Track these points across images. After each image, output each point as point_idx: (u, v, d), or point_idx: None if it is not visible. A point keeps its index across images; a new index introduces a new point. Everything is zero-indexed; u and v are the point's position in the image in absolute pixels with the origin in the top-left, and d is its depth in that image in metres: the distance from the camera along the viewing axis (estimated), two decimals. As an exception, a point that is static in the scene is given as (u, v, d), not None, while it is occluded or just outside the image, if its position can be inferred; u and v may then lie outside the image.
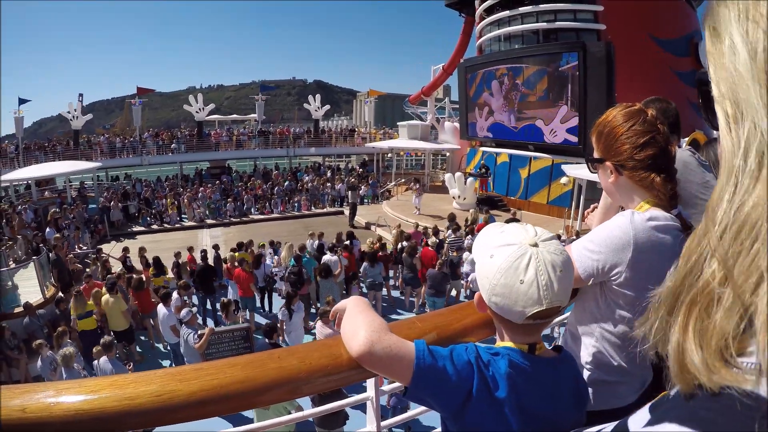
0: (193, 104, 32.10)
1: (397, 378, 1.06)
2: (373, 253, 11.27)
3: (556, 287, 0.98)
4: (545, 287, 0.97)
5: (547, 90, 21.69)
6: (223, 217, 24.19)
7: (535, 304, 0.98)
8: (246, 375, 1.05)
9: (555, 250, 1.01)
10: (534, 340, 1.06)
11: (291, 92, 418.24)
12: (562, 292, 1.00)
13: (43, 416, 0.92)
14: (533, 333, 1.06)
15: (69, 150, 28.83)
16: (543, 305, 0.98)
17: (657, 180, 1.36)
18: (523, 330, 1.05)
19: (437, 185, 28.62)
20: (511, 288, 0.99)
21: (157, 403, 0.97)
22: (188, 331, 7.78)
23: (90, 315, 9.41)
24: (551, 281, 0.98)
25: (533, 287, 0.97)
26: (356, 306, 1.17)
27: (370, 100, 41.46)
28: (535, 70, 22.20)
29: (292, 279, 10.43)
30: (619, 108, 1.45)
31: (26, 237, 16.38)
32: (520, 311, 1.00)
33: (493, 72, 24.59)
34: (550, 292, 0.98)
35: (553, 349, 1.13)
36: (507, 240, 1.03)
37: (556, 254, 1.01)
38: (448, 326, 1.31)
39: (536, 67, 22.14)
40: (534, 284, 0.97)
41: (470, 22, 29.95)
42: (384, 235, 17.39)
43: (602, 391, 1.46)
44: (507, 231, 1.06)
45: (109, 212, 22.36)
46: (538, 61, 22.11)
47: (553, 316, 1.03)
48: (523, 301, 0.99)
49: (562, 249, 1.03)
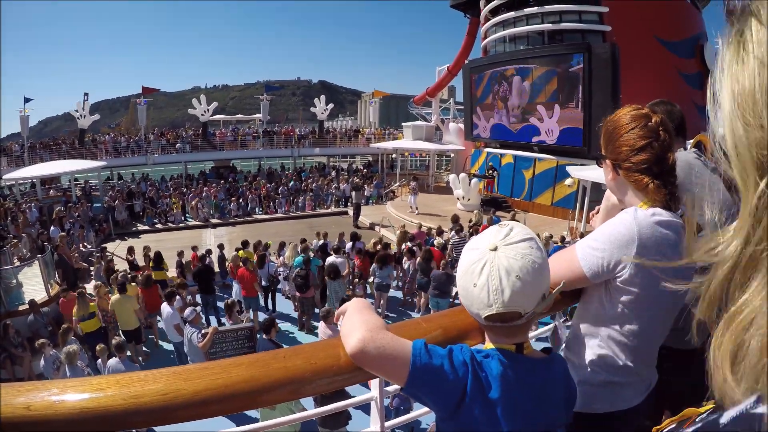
0: (198, 107, 32.17)
1: (392, 378, 1.06)
2: (383, 255, 11.26)
3: (507, 293, 0.98)
4: (495, 292, 0.99)
5: (557, 91, 21.58)
6: (227, 217, 24.25)
7: (485, 308, 1.01)
8: (251, 374, 1.05)
9: (515, 255, 1.00)
10: (519, 341, 1.07)
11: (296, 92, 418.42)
12: (517, 298, 0.99)
13: (47, 414, 0.91)
14: (513, 334, 1.07)
15: (74, 149, 28.97)
16: (493, 310, 1.00)
17: (651, 185, 1.38)
18: (501, 332, 1.06)
19: (441, 186, 28.63)
20: (467, 290, 1.04)
21: (162, 401, 0.96)
22: (192, 330, 7.79)
23: (93, 316, 9.40)
24: (501, 287, 0.99)
25: (483, 291, 1.00)
26: (356, 307, 1.18)
27: (375, 100, 41.53)
28: (544, 71, 22.09)
29: (299, 282, 10.43)
30: (628, 109, 1.46)
31: (31, 235, 16.45)
32: (477, 313, 1.04)
33: (501, 72, 24.49)
34: (499, 297, 0.99)
35: (542, 350, 1.14)
36: (475, 244, 1.06)
37: (515, 259, 1.00)
38: (453, 327, 1.30)
39: (546, 68, 22.04)
40: (485, 289, 1.00)
41: (475, 23, 29.90)
42: (388, 235, 17.39)
43: (608, 392, 1.46)
44: (482, 234, 1.08)
45: (114, 211, 22.46)
46: (548, 62, 21.99)
47: (515, 320, 1.03)
48: (476, 304, 1.02)
49: (526, 253, 1.02)
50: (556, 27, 22.58)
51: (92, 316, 9.41)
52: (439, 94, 33.61)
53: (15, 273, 11.68)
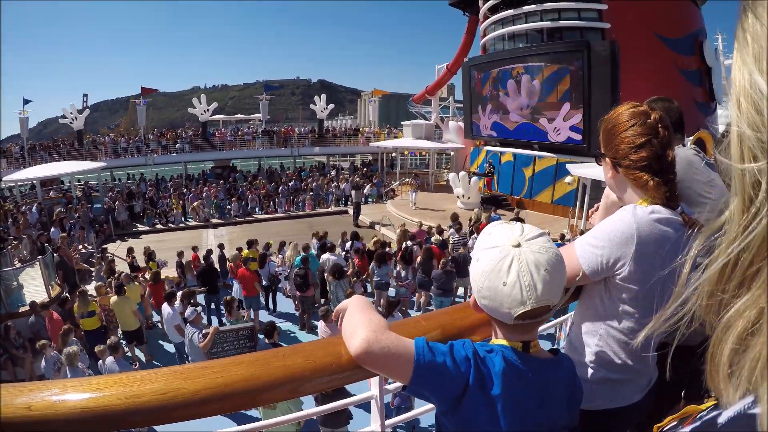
0: (197, 107, 32.16)
1: (395, 377, 1.07)
2: (381, 254, 11.25)
3: (540, 287, 0.98)
4: (528, 288, 0.98)
5: (569, 90, 21.41)
6: (227, 217, 24.25)
7: (519, 306, 0.99)
8: (251, 373, 1.05)
9: (539, 249, 1.01)
10: (528, 338, 1.07)
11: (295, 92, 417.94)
12: (549, 291, 0.99)
13: (48, 414, 0.92)
14: (527, 331, 1.07)
15: (74, 150, 28.98)
16: (528, 306, 0.98)
17: (650, 183, 1.38)
18: (516, 329, 1.06)
19: (441, 184, 28.62)
20: (495, 290, 1.01)
21: (161, 401, 0.97)
22: (193, 330, 7.79)
23: (93, 315, 9.43)
24: (534, 282, 0.98)
25: (516, 289, 0.98)
26: (357, 305, 1.18)
27: (375, 99, 41.49)
28: (556, 69, 21.85)
29: (298, 281, 10.44)
30: (627, 106, 1.46)
31: (31, 237, 16.45)
32: (507, 312, 1.01)
33: (509, 71, 24.32)
34: (533, 292, 0.98)
35: (550, 351, 1.13)
36: (491, 242, 1.04)
37: (540, 253, 1.00)
38: (453, 324, 1.31)
39: (557, 66, 21.80)
40: (516, 286, 0.98)
41: (474, 21, 29.85)
42: (388, 234, 17.38)
43: (607, 389, 1.46)
44: (494, 233, 1.06)
45: (114, 212, 22.47)
46: (558, 59, 21.78)
47: (544, 314, 1.03)
48: (508, 303, 1.00)
49: (548, 246, 1.03)
50: (555, 24, 22.54)
51: (92, 314, 9.42)
52: (439, 92, 33.56)
53: (16, 274, 11.68)
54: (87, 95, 31.15)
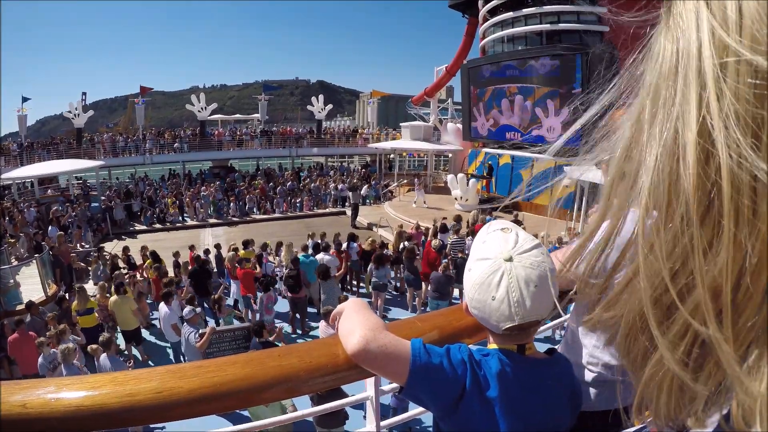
0: (196, 104, 32.13)
1: (392, 377, 1.07)
2: (379, 255, 11.23)
3: (528, 304, 0.97)
4: (516, 305, 0.97)
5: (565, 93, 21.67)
6: (224, 217, 24.21)
7: (507, 320, 0.98)
8: (246, 373, 1.05)
9: (531, 264, 0.99)
10: (523, 342, 1.07)
11: (294, 92, 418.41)
12: (537, 308, 0.99)
13: (43, 412, 0.92)
14: (519, 339, 1.06)
15: (72, 148, 28.89)
16: (515, 321, 0.98)
17: None
18: (508, 336, 1.05)
19: (439, 186, 28.61)
20: (484, 303, 1.00)
21: (157, 399, 0.97)
22: (189, 329, 7.78)
23: (91, 312, 9.41)
24: (522, 299, 0.97)
25: (504, 304, 0.98)
26: (354, 306, 1.18)
27: (373, 100, 41.46)
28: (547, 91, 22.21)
29: (289, 282, 10.35)
30: (623, 110, 1.45)
31: (28, 235, 16.42)
32: (495, 324, 1.01)
33: (503, 90, 24.60)
34: (521, 309, 0.97)
35: (546, 351, 1.13)
36: (484, 253, 1.03)
37: (532, 268, 0.99)
38: (450, 326, 1.31)
39: (548, 89, 22.18)
40: (505, 302, 0.97)
41: (474, 24, 29.87)
42: (386, 235, 17.37)
43: (604, 390, 1.46)
44: (487, 242, 1.05)
45: (112, 211, 22.42)
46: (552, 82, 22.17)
47: (533, 327, 1.03)
48: (496, 317, 0.99)
49: (540, 261, 1.01)
50: (554, 27, 22.61)
51: (90, 311, 9.40)
52: (438, 94, 33.55)
53: (12, 273, 11.66)
54: (86, 93, 31.08)
